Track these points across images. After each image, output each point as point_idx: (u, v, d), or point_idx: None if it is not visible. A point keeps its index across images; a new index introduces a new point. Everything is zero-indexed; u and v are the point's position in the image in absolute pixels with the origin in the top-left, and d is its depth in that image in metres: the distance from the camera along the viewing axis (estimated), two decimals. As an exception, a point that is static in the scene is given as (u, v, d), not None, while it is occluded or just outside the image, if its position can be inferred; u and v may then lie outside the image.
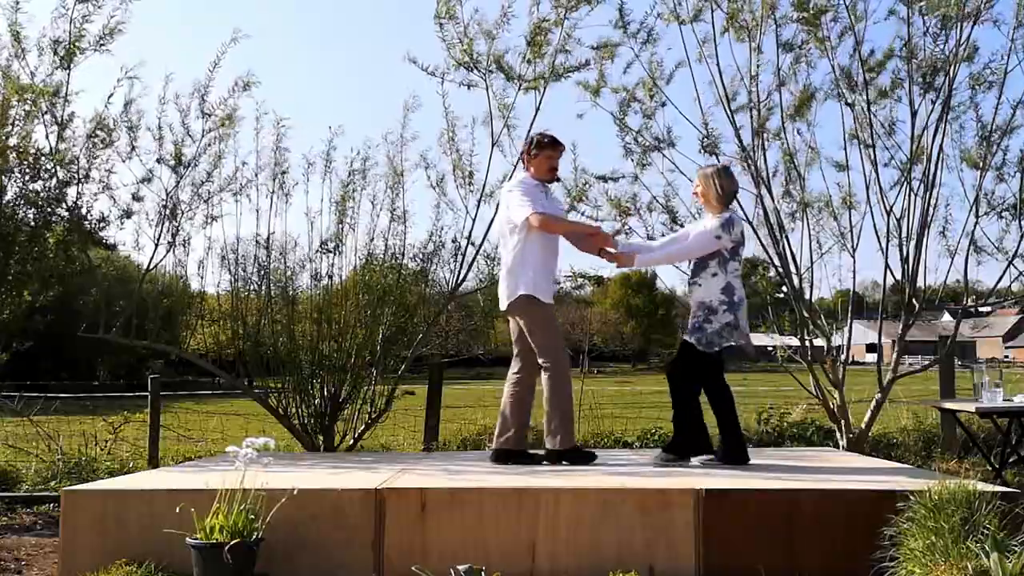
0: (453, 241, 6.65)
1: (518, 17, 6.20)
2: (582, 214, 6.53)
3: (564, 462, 4.71)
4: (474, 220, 6.45)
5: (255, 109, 6.39)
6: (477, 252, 6.55)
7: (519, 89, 6.27)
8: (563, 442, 4.75)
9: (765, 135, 6.45)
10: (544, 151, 5.00)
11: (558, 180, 5.25)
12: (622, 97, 6.56)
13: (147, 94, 6.29)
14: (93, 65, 6.19)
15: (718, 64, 6.40)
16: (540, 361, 4.80)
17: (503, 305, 4.94)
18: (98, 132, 6.21)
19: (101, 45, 6.07)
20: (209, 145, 6.34)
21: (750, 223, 6.53)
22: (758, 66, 6.36)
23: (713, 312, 4.67)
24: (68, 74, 6.10)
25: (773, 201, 6.46)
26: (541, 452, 4.86)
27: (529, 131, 6.29)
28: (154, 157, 6.30)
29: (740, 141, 6.44)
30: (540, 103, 6.29)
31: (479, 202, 6.43)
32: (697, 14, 6.38)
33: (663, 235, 6.64)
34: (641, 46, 6.45)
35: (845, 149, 6.51)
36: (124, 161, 6.31)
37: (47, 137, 6.20)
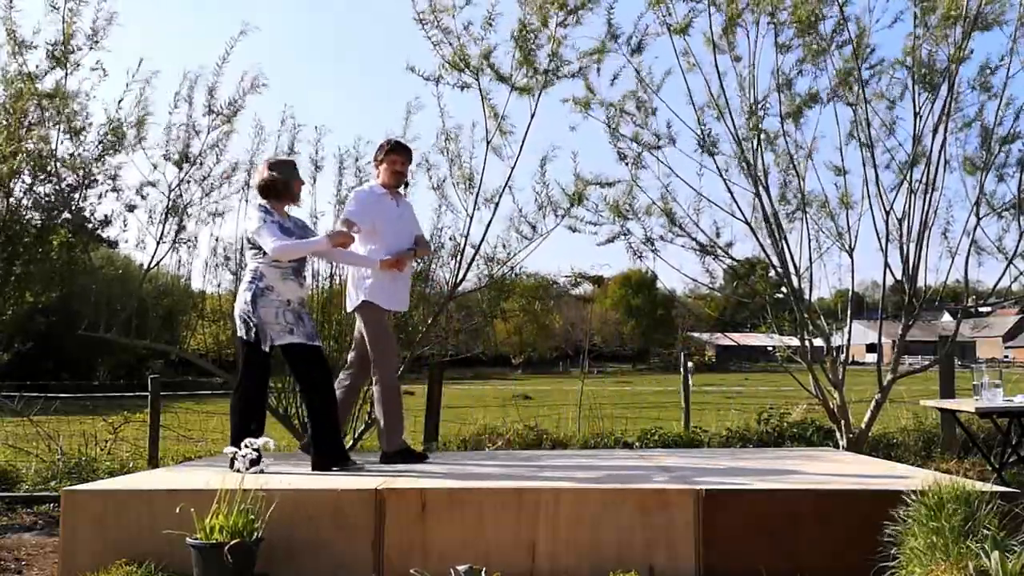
0: (451, 239, 6.66)
1: (504, 15, 6.21)
2: (581, 220, 6.53)
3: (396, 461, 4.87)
4: (470, 219, 6.46)
5: (258, 111, 6.43)
6: (476, 252, 6.55)
7: (511, 90, 6.26)
8: (390, 444, 4.94)
9: (762, 137, 6.44)
10: (388, 156, 5.11)
11: (406, 185, 5.31)
12: (611, 111, 6.56)
13: (154, 89, 6.30)
14: (99, 66, 6.19)
15: (716, 66, 6.40)
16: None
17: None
18: (107, 134, 6.21)
19: (96, 42, 6.05)
20: (214, 145, 6.35)
21: (748, 224, 6.54)
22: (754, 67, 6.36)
23: (237, 297, 4.62)
24: (66, 74, 6.10)
25: (771, 202, 6.46)
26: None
27: (525, 136, 6.30)
28: (159, 153, 6.32)
29: (738, 142, 6.43)
30: (535, 109, 6.28)
31: (475, 202, 6.44)
32: (686, 27, 6.35)
33: (661, 237, 6.65)
34: (632, 53, 6.43)
35: (841, 150, 6.53)
36: (128, 153, 6.32)
37: (52, 141, 6.21)
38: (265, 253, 4.52)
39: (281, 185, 4.65)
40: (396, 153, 5.14)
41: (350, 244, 4.80)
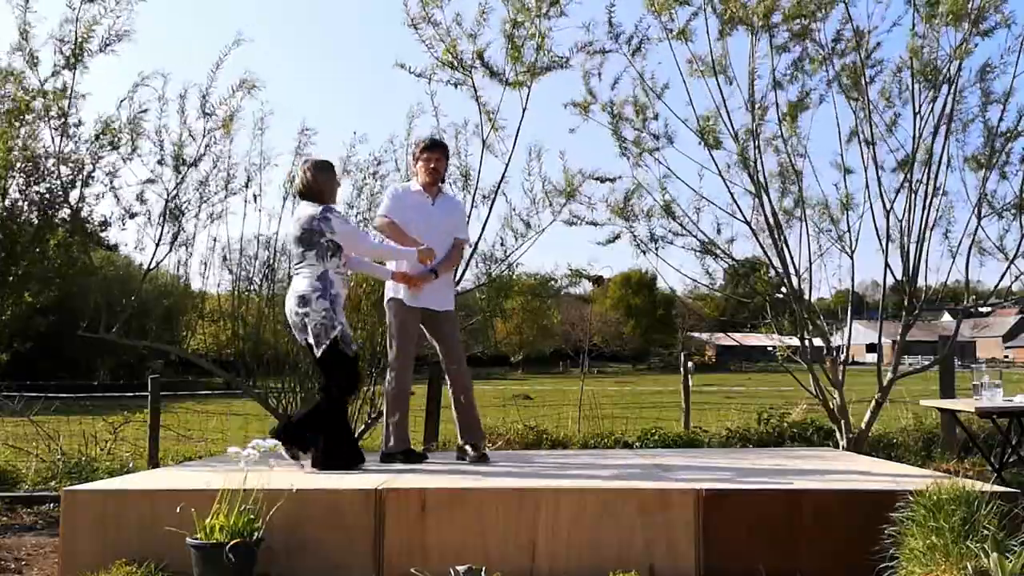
0: None
1: (495, 10, 6.20)
2: (581, 220, 6.52)
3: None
4: (468, 217, 6.44)
5: (260, 110, 6.43)
6: (473, 251, 6.54)
7: (504, 86, 6.25)
8: (391, 443, 4.97)
9: (761, 137, 6.43)
10: (423, 154, 5.11)
11: (443, 181, 5.29)
12: (614, 108, 6.54)
13: (154, 93, 6.25)
14: (99, 66, 6.19)
15: (715, 69, 6.37)
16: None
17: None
18: (104, 134, 6.19)
19: (107, 46, 6.04)
20: (209, 146, 6.33)
21: (748, 224, 6.53)
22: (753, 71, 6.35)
23: (308, 302, 4.52)
24: (74, 75, 6.08)
25: (771, 203, 6.45)
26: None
27: (518, 130, 6.29)
28: (156, 157, 6.29)
29: (738, 142, 6.42)
30: (527, 102, 6.27)
31: (473, 200, 6.44)
32: (683, 32, 6.33)
33: (662, 237, 6.64)
34: (633, 53, 6.40)
35: (841, 152, 6.52)
36: (126, 161, 6.28)
37: (53, 140, 6.20)
38: (331, 257, 4.54)
39: (324, 187, 4.67)
40: (430, 151, 5.10)
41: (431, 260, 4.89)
